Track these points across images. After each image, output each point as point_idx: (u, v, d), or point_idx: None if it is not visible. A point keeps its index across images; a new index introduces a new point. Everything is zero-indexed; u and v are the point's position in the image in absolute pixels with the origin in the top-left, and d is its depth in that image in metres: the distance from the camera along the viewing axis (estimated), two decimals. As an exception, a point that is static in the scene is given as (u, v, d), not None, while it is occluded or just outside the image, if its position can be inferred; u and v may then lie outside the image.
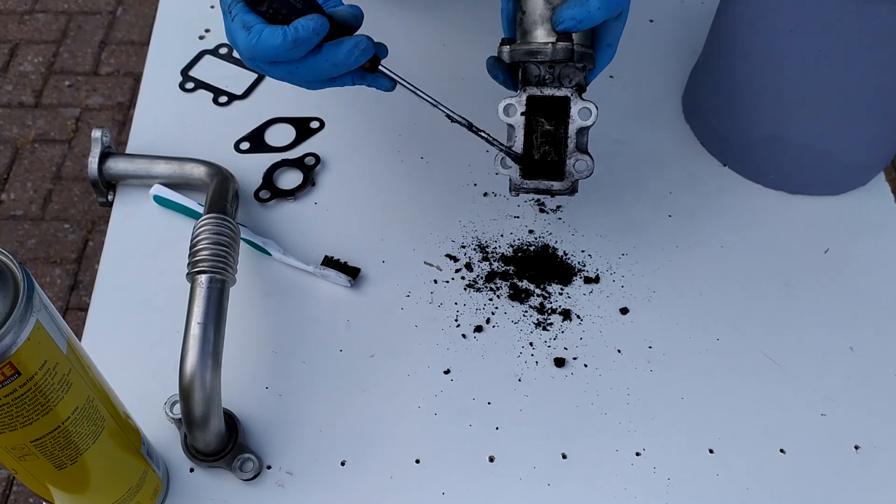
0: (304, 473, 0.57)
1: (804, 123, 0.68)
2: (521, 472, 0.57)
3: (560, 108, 0.57)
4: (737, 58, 0.68)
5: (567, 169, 0.57)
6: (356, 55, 0.52)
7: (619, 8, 0.55)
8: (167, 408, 0.58)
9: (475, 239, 0.69)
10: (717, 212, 0.71)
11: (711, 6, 0.75)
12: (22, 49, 1.99)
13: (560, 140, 0.58)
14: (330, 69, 0.52)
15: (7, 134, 1.85)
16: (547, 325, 0.64)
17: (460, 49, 0.83)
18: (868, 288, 0.67)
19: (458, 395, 0.61)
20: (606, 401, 0.61)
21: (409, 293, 0.66)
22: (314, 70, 0.52)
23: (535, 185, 0.58)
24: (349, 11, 0.53)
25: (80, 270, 1.65)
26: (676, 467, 0.58)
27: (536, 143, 0.58)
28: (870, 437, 0.60)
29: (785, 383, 0.62)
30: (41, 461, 0.44)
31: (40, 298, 0.39)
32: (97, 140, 0.69)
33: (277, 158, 0.73)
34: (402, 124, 0.76)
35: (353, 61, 0.52)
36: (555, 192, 0.58)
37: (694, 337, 0.64)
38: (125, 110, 1.88)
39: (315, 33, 0.49)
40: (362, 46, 0.52)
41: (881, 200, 0.73)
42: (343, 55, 0.51)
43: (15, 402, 0.39)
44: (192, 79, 0.79)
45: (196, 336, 0.54)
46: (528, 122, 0.58)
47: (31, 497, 1.40)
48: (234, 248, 0.59)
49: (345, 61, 0.52)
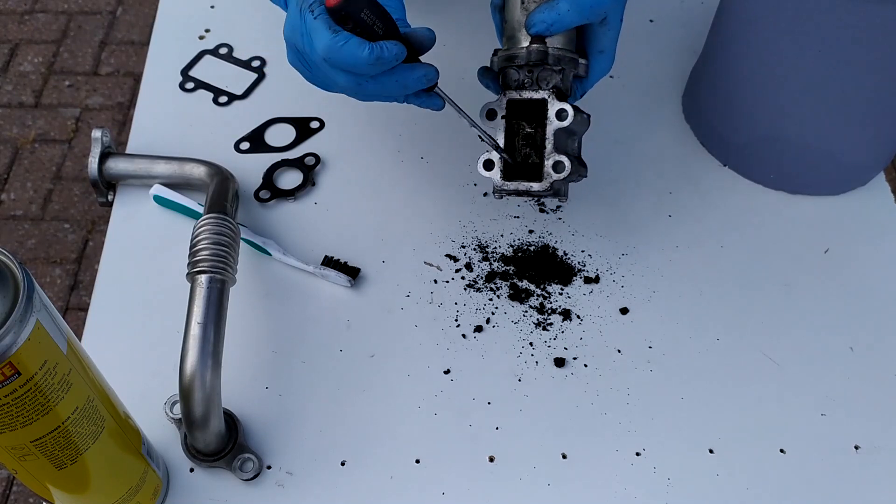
0: (304, 473, 0.57)
1: (804, 123, 0.68)
2: (521, 472, 0.57)
3: (539, 110, 0.58)
4: (737, 58, 0.68)
5: (545, 170, 0.57)
6: (423, 83, 0.55)
7: (597, 12, 0.56)
8: (167, 408, 0.58)
9: (475, 239, 0.69)
10: (717, 212, 0.71)
11: (711, 6, 0.75)
12: (22, 49, 1.99)
13: (539, 141, 0.58)
14: (397, 90, 0.54)
15: (7, 134, 1.85)
16: (547, 325, 0.64)
17: (460, 49, 0.82)
18: (868, 288, 0.67)
19: (458, 395, 0.61)
20: (606, 401, 0.61)
21: (409, 293, 0.66)
22: (382, 88, 0.54)
23: (514, 186, 0.58)
24: (425, 35, 0.54)
25: (80, 270, 1.65)
26: (676, 467, 0.58)
27: (518, 145, 0.59)
28: (870, 437, 0.60)
29: (785, 383, 0.62)
30: (41, 461, 0.44)
31: (40, 298, 0.39)
32: (97, 140, 0.69)
33: (277, 158, 0.73)
34: (402, 124, 0.76)
35: (420, 86, 0.55)
36: (534, 193, 0.58)
37: (694, 337, 0.64)
38: (125, 110, 1.88)
39: (396, 59, 0.51)
40: (431, 76, 0.55)
41: (881, 200, 0.73)
42: (413, 81, 0.54)
43: (15, 402, 0.39)
44: (192, 79, 0.79)
45: (196, 336, 0.54)
46: (509, 126, 0.59)
47: (31, 497, 1.40)
48: (234, 248, 0.59)
49: (413, 86, 0.54)
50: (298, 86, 0.80)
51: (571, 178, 0.59)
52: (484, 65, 0.62)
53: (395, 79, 0.53)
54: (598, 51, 0.59)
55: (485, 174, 0.59)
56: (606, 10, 0.56)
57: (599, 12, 0.56)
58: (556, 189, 0.58)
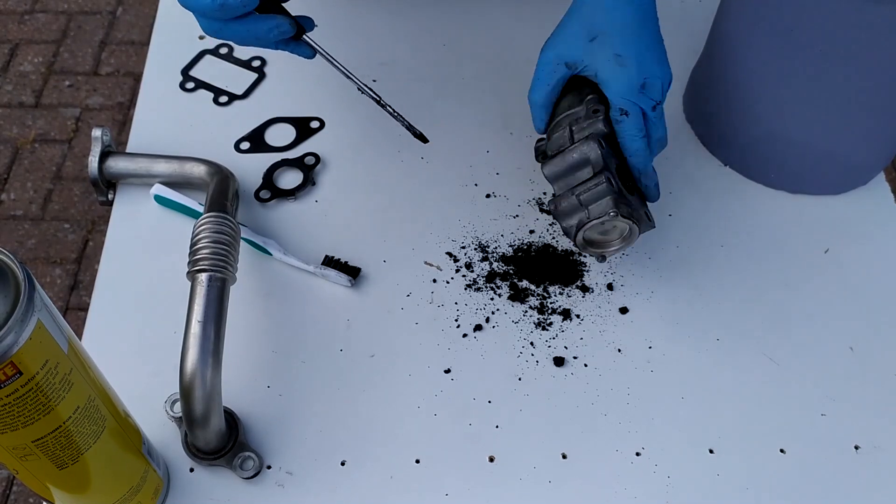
0: (304, 473, 0.57)
1: (804, 123, 0.68)
2: (522, 472, 0.58)
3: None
4: (737, 58, 0.68)
5: None
6: (275, 34, 0.57)
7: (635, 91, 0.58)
8: (167, 406, 0.58)
9: (475, 239, 0.69)
10: (717, 212, 0.71)
11: (711, 6, 0.75)
12: (22, 49, 1.99)
13: None
14: (251, 39, 0.57)
15: (7, 134, 1.85)
16: (547, 324, 0.64)
17: (460, 49, 0.83)
18: (868, 288, 0.67)
19: (458, 395, 0.61)
20: (606, 401, 0.61)
21: (409, 293, 0.66)
22: (236, 35, 0.56)
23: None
24: None
25: (80, 270, 1.65)
26: (676, 467, 0.58)
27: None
28: (870, 437, 0.60)
29: (785, 383, 0.62)
30: (42, 461, 0.44)
31: (41, 298, 0.39)
32: (97, 139, 0.69)
33: (277, 158, 0.74)
34: (403, 124, 0.76)
35: (272, 37, 0.57)
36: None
37: (694, 337, 0.64)
38: (125, 110, 1.88)
39: (242, 5, 0.54)
40: (283, 28, 0.57)
41: (881, 200, 0.73)
42: (263, 31, 0.56)
43: (16, 401, 0.39)
44: (193, 78, 0.79)
45: (196, 334, 0.54)
46: None
47: (31, 497, 1.40)
48: (235, 247, 0.59)
49: (264, 36, 0.56)
50: (298, 86, 0.80)
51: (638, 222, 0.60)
52: None
53: (246, 28, 0.55)
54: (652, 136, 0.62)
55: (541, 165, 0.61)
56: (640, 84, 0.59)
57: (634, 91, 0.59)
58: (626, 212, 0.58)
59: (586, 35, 0.59)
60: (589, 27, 0.60)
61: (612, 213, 0.57)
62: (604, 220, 0.57)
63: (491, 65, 0.81)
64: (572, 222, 0.59)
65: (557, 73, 0.61)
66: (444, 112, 0.77)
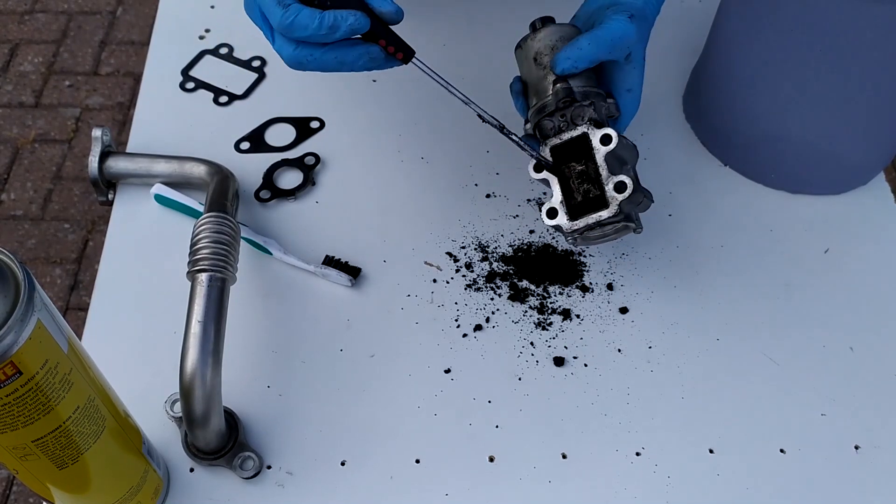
0: (304, 473, 0.57)
1: (805, 123, 0.68)
2: (522, 472, 0.58)
3: (583, 145, 0.57)
4: (737, 58, 0.69)
5: (608, 195, 0.56)
6: (364, 61, 0.53)
7: (619, 47, 0.56)
8: (167, 406, 0.58)
9: (475, 239, 0.69)
10: (717, 212, 0.71)
11: (711, 6, 0.75)
12: (22, 49, 1.99)
13: (593, 173, 0.57)
14: (336, 66, 0.53)
15: (7, 134, 1.85)
16: (547, 324, 0.64)
17: (460, 49, 0.83)
18: (868, 288, 0.67)
19: (458, 395, 0.61)
20: (606, 401, 0.61)
21: (409, 293, 0.66)
22: (329, 63, 0.53)
23: (584, 221, 0.57)
24: (392, 10, 0.53)
25: (80, 270, 1.65)
26: (676, 467, 0.58)
27: (575, 186, 0.58)
28: (870, 437, 0.60)
29: (785, 383, 0.62)
30: (42, 461, 0.44)
31: (41, 298, 0.39)
32: (97, 139, 0.69)
33: (277, 158, 0.74)
34: (402, 124, 0.76)
35: (360, 65, 0.54)
36: (605, 221, 0.56)
37: (694, 337, 0.64)
38: (125, 110, 1.88)
39: (351, 29, 0.51)
40: (373, 55, 0.54)
41: (881, 200, 0.73)
42: (352, 58, 0.53)
43: (16, 401, 0.39)
44: (193, 79, 0.79)
45: (196, 334, 0.54)
46: (560, 172, 0.58)
47: (31, 497, 1.40)
48: (235, 247, 0.59)
49: (352, 63, 0.53)
50: (298, 86, 0.80)
51: (638, 203, 0.58)
52: (525, 132, 0.62)
53: (335, 56, 0.53)
54: (625, 90, 0.59)
55: (550, 223, 0.58)
56: (629, 46, 0.57)
57: (621, 47, 0.56)
58: (627, 214, 0.57)
59: (645, 38, 0.59)
60: (647, 28, 0.59)
61: (639, 230, 0.58)
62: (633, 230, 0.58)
63: (491, 65, 0.81)
64: None
65: (613, 55, 0.58)
66: (444, 112, 0.77)
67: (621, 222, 0.57)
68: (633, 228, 0.58)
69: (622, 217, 0.56)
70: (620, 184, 0.56)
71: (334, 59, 0.53)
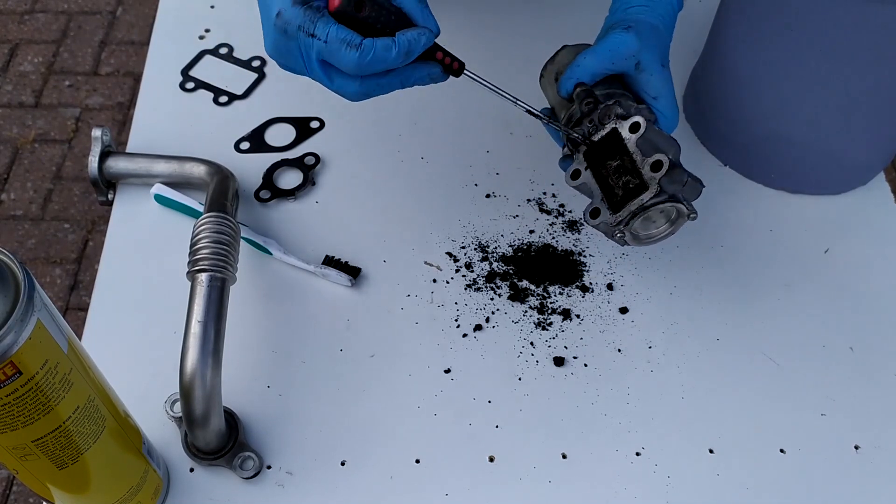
0: (304, 473, 0.57)
1: (805, 123, 0.68)
2: (521, 472, 0.58)
3: (615, 142, 0.56)
4: (737, 58, 0.69)
5: (646, 177, 0.54)
6: (425, 78, 0.54)
7: (621, 58, 0.57)
8: (167, 406, 0.58)
9: (475, 239, 0.69)
10: (717, 212, 0.71)
11: (711, 6, 0.75)
12: (22, 49, 1.99)
13: (630, 164, 0.55)
14: (398, 87, 0.54)
15: (7, 134, 1.85)
16: (547, 324, 0.64)
17: (460, 49, 0.82)
18: (868, 288, 0.67)
19: (458, 395, 0.61)
20: (606, 401, 0.61)
21: (409, 293, 0.66)
22: (389, 87, 0.53)
23: (627, 210, 0.55)
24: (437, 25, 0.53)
25: (80, 270, 1.65)
26: (676, 467, 0.58)
27: (614, 182, 0.56)
28: (870, 437, 0.60)
29: (785, 383, 0.62)
30: (42, 461, 0.44)
31: (41, 298, 0.39)
32: (97, 139, 0.69)
33: (277, 158, 0.74)
34: (402, 124, 0.76)
35: (419, 82, 0.54)
36: (648, 204, 0.54)
37: (694, 337, 0.64)
38: (125, 110, 1.88)
39: (424, 48, 0.51)
40: (433, 74, 0.54)
41: (881, 200, 0.73)
42: (415, 77, 0.54)
43: (16, 401, 0.39)
44: (193, 79, 0.79)
45: (196, 334, 0.54)
46: (596, 173, 0.57)
47: (31, 497, 1.40)
48: (235, 247, 0.59)
49: (414, 82, 0.54)
50: (298, 86, 0.80)
51: (683, 184, 0.55)
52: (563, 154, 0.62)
53: (400, 79, 0.53)
54: (651, 97, 0.59)
55: (594, 222, 0.57)
56: (634, 56, 0.57)
57: (622, 57, 0.57)
58: (672, 195, 0.54)
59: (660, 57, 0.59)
60: (662, 47, 0.60)
61: (693, 215, 0.56)
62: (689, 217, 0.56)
63: (491, 65, 0.81)
64: None
65: (627, 64, 0.58)
66: (444, 112, 0.77)
67: (667, 202, 0.54)
68: (687, 214, 0.55)
69: (666, 197, 0.54)
70: (657, 162, 0.53)
71: (398, 82, 0.53)
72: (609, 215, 0.56)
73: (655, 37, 0.59)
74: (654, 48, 0.58)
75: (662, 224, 0.57)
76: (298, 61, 0.51)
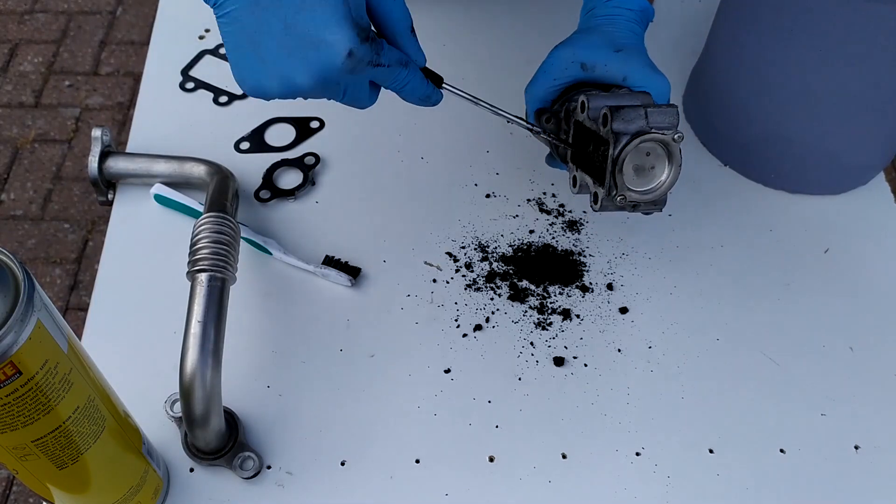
0: (304, 473, 0.57)
1: (804, 123, 0.68)
2: (521, 472, 0.58)
3: (583, 132, 0.57)
4: (737, 57, 0.69)
5: (603, 135, 0.52)
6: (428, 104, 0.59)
7: (565, 67, 0.59)
8: (167, 406, 0.58)
9: (475, 239, 0.69)
10: (717, 212, 0.71)
11: (711, 6, 0.75)
12: (22, 49, 1.99)
13: (595, 138, 0.55)
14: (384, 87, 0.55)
15: (7, 134, 1.85)
16: (547, 324, 0.64)
17: (460, 49, 0.83)
18: (868, 288, 0.67)
19: (458, 395, 0.61)
20: (606, 401, 0.61)
21: (409, 293, 0.66)
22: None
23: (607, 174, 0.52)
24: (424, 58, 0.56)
25: (80, 270, 1.65)
26: (676, 467, 0.58)
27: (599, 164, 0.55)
28: (870, 437, 0.60)
29: (785, 383, 0.62)
30: (42, 461, 0.44)
31: (41, 298, 0.39)
32: (97, 139, 0.69)
33: (277, 158, 0.74)
34: (402, 124, 0.76)
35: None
36: (615, 155, 0.51)
37: (694, 337, 0.64)
38: (125, 110, 1.88)
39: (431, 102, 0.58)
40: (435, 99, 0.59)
41: (881, 200, 0.73)
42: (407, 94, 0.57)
43: (16, 401, 0.39)
44: (193, 78, 0.79)
45: (196, 334, 0.54)
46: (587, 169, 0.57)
47: (31, 497, 1.40)
48: (235, 247, 0.59)
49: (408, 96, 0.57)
50: (299, 86, 0.80)
51: (630, 121, 0.51)
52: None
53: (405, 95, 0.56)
54: (620, 79, 0.59)
55: (596, 206, 0.55)
56: (572, 61, 0.59)
57: (559, 68, 0.59)
58: (637, 131, 0.51)
59: (610, 46, 0.59)
60: (610, 40, 0.60)
61: (678, 135, 0.51)
62: (671, 136, 0.51)
63: (491, 65, 0.81)
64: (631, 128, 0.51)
65: (569, 72, 0.60)
66: (444, 112, 0.77)
67: (634, 142, 0.51)
68: (671, 137, 0.51)
69: (629, 138, 0.51)
70: (602, 117, 0.52)
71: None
72: (602, 192, 0.54)
73: (591, 35, 0.60)
74: (592, 45, 0.59)
75: (661, 165, 0.53)
76: (339, 91, 0.51)
